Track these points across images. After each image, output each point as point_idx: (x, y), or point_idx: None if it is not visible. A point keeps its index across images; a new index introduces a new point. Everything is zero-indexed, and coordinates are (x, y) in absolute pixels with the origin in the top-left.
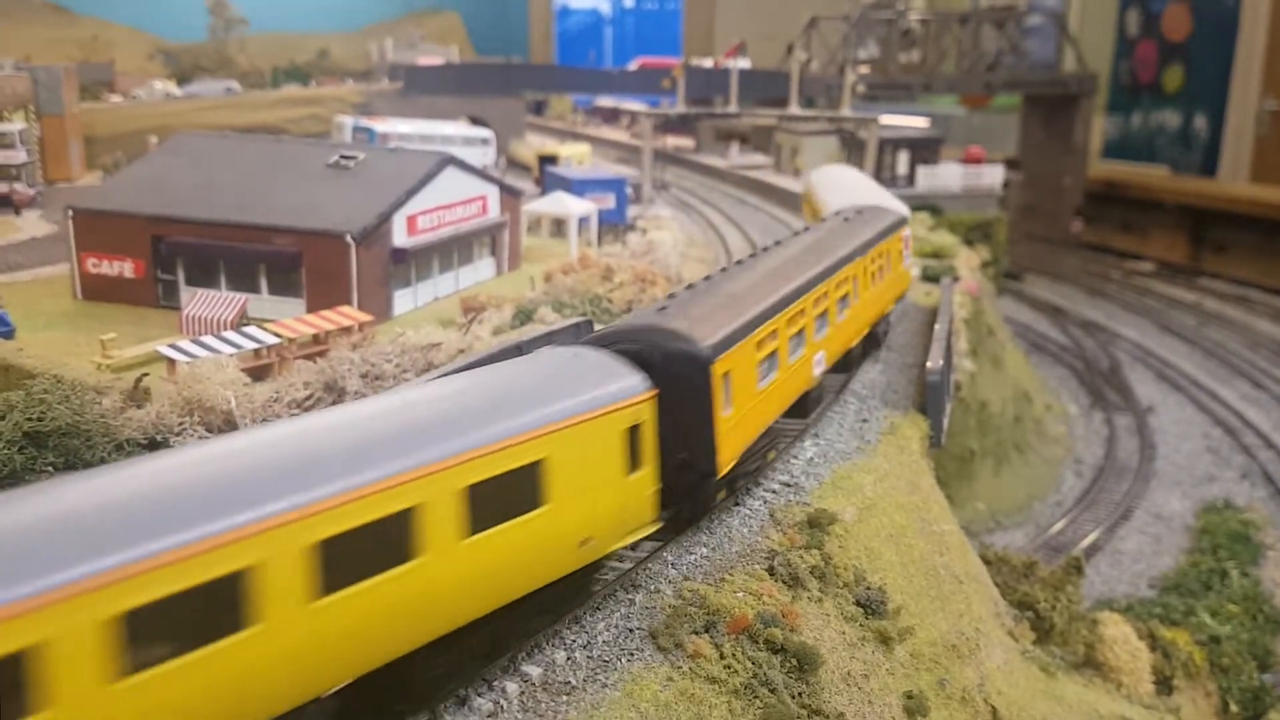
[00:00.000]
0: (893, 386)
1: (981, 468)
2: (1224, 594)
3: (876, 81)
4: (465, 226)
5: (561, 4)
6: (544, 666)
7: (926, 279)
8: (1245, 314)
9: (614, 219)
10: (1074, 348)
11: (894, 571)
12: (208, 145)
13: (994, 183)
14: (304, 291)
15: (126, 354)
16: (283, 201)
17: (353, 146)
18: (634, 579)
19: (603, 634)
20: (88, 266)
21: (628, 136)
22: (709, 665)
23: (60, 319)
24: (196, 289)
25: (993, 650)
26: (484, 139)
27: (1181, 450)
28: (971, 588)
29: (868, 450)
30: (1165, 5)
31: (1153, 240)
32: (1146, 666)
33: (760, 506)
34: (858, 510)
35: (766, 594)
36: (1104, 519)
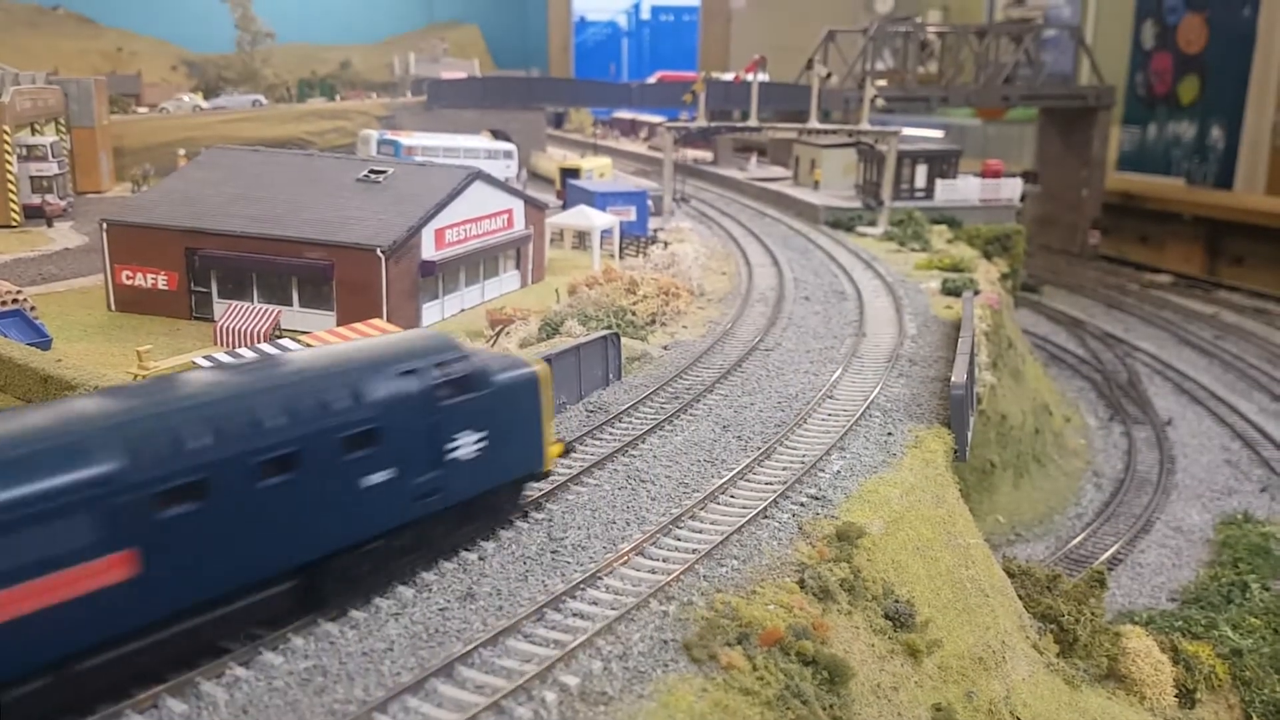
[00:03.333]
0: (917, 400)
1: (1002, 480)
2: (1245, 607)
3: (894, 93)
4: (491, 240)
5: (579, 15)
6: (581, 676)
7: (947, 292)
8: (1263, 326)
9: (635, 231)
10: (1092, 360)
11: (921, 584)
12: (240, 159)
13: (1012, 195)
14: (335, 304)
15: (162, 365)
16: (314, 215)
17: (382, 161)
18: (667, 590)
19: (638, 645)
20: (122, 278)
21: (646, 149)
22: (742, 677)
23: (95, 330)
24: (230, 301)
25: (1018, 663)
26: (507, 152)
27: (1201, 463)
28: (997, 600)
29: (894, 464)
30: (1181, 17)
31: (1169, 252)
32: (1169, 679)
33: (789, 520)
34: (885, 523)
35: (797, 606)
36: (1124, 531)
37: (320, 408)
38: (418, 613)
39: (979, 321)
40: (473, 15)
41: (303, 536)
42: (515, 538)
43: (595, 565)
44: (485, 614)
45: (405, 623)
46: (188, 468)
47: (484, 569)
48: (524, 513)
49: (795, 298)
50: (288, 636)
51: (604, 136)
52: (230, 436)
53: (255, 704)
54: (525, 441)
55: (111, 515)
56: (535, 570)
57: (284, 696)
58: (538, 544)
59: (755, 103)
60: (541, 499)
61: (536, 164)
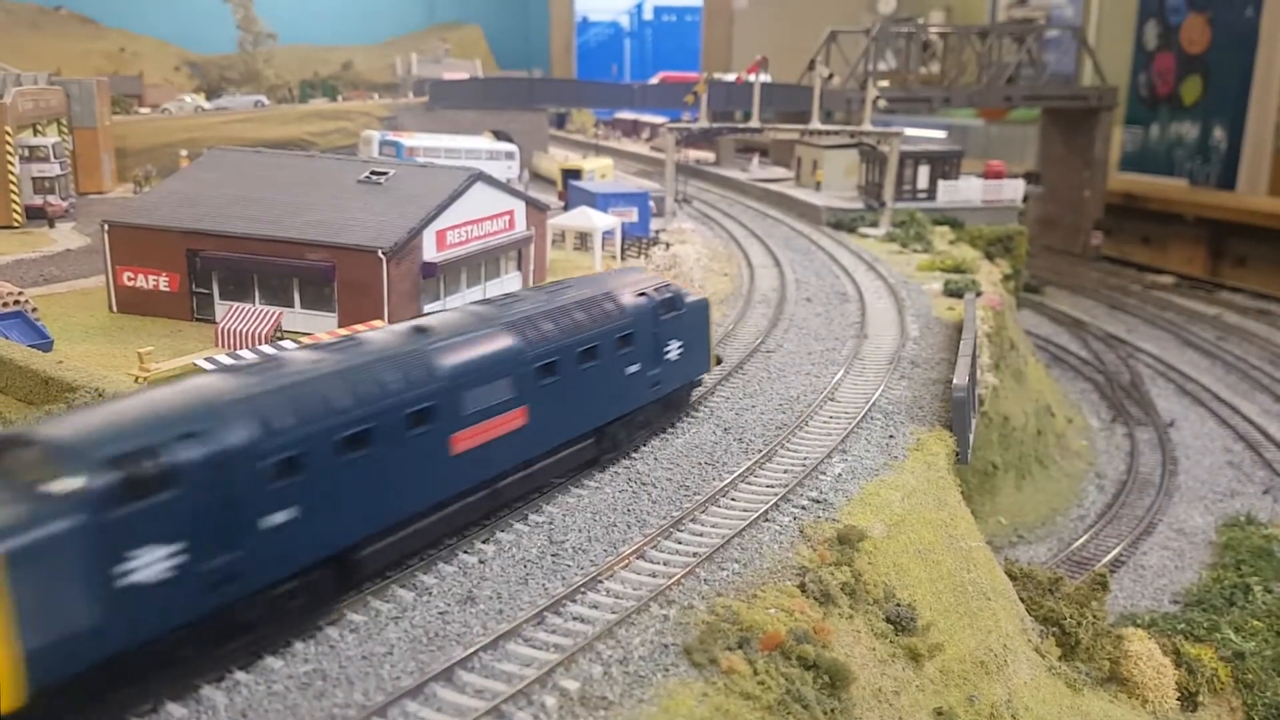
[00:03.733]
0: (918, 402)
1: (1004, 481)
2: (1247, 610)
3: (896, 94)
4: (493, 241)
5: (582, 16)
6: (581, 681)
7: (949, 293)
8: (1266, 327)
9: (637, 232)
10: (1095, 361)
11: (923, 587)
12: (241, 160)
13: (1014, 196)
14: (336, 305)
15: (164, 367)
16: (316, 216)
17: (384, 162)
18: (668, 594)
19: (638, 649)
20: (123, 279)
21: (648, 149)
22: (743, 681)
23: (96, 331)
24: (231, 302)
25: (1020, 666)
26: (509, 153)
27: (1203, 465)
28: (999, 603)
29: (895, 466)
30: (1184, 17)
31: (1172, 253)
32: (1171, 682)
33: (790, 523)
34: (886, 526)
35: (798, 610)
36: (1126, 533)
37: (605, 315)
38: (417, 616)
39: (981, 323)
40: (475, 16)
41: (597, 407)
42: (515, 541)
43: (595, 569)
44: (485, 617)
45: (405, 626)
46: (550, 350)
47: (484, 572)
48: (524, 515)
49: (797, 299)
50: (288, 640)
51: (606, 137)
52: (567, 331)
53: (255, 708)
54: (701, 350)
55: (519, 381)
56: (535, 573)
57: (283, 701)
58: (538, 547)
59: (757, 103)
60: (541, 501)
61: (538, 165)
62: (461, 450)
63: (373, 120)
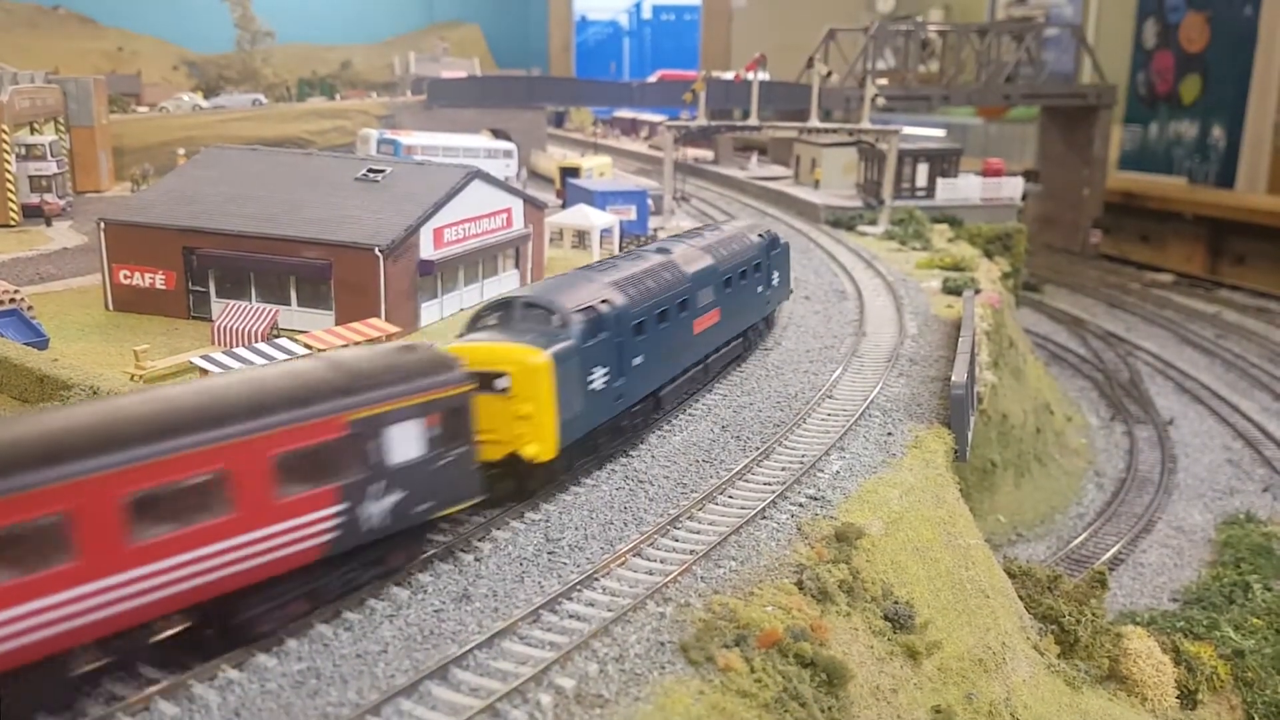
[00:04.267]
0: (917, 399)
1: (1003, 479)
2: (1247, 607)
3: (895, 92)
4: (490, 239)
5: (580, 15)
6: (577, 679)
7: (948, 291)
8: (1265, 325)
9: (636, 230)
10: (1094, 359)
11: (921, 585)
12: (238, 159)
13: (1013, 194)
14: (333, 303)
15: (159, 365)
16: (312, 214)
17: (381, 160)
18: (664, 592)
19: (634, 647)
20: (119, 278)
21: (646, 148)
22: (740, 679)
23: (93, 330)
24: (228, 300)
25: (1019, 664)
26: (506, 151)
27: (1202, 463)
28: (997, 601)
29: (893, 464)
30: (1183, 16)
31: (1171, 251)
32: (1170, 680)
33: (788, 520)
34: (884, 524)
35: (795, 608)
36: (1125, 531)
37: (745, 249)
38: (413, 614)
39: (980, 321)
40: (473, 15)
41: (747, 314)
42: (512, 538)
43: (592, 566)
44: (481, 615)
45: (400, 624)
46: (729, 269)
47: (480, 570)
48: (520, 513)
49: (795, 297)
50: (281, 638)
51: (604, 135)
52: (733, 258)
53: (248, 706)
54: (787, 279)
55: (716, 289)
56: (532, 571)
57: (277, 699)
58: (534, 545)
59: (756, 101)
60: (538, 499)
61: (536, 163)
62: (698, 332)
63: (371, 119)
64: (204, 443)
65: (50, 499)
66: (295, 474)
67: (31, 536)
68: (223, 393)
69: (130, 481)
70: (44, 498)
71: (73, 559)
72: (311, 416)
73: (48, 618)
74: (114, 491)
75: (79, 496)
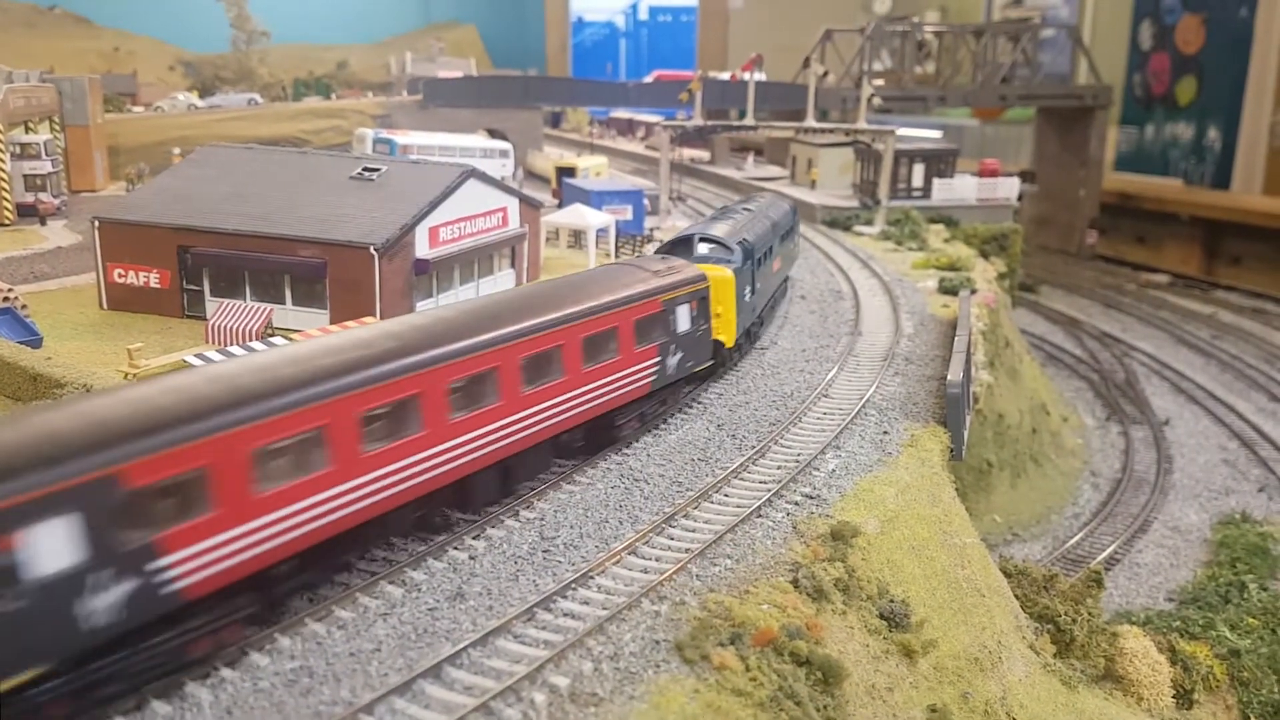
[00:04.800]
0: (913, 399)
1: (999, 479)
2: (1243, 607)
3: (891, 93)
4: (486, 238)
5: (577, 16)
6: (571, 677)
7: (944, 291)
8: (1261, 326)
9: (631, 230)
10: (1090, 360)
11: (917, 584)
12: (233, 157)
13: (1009, 195)
14: (328, 302)
15: (153, 364)
16: (307, 213)
17: (376, 159)
18: (659, 590)
19: (629, 645)
20: (114, 276)
21: (643, 148)
22: (735, 678)
23: (87, 328)
24: (222, 299)
25: (1014, 663)
26: (503, 151)
27: (1198, 463)
28: (993, 600)
29: (889, 462)
30: (1179, 17)
31: (1167, 252)
32: (1167, 680)
33: (783, 519)
34: (880, 522)
35: (791, 606)
36: (1121, 531)
37: (782, 214)
38: (406, 613)
39: (976, 321)
40: (470, 15)
41: (785, 268)
42: (506, 537)
43: (587, 564)
44: (475, 614)
45: (394, 623)
46: (781, 229)
47: (474, 568)
48: (515, 511)
49: (791, 296)
50: (274, 637)
51: (601, 136)
52: (780, 221)
53: (240, 705)
54: (798, 244)
55: (778, 241)
56: (526, 569)
57: (269, 698)
58: (529, 543)
59: (752, 102)
60: (533, 497)
61: (533, 163)
62: (773, 271)
63: (367, 119)
64: (608, 307)
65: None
66: (642, 333)
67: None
68: (585, 284)
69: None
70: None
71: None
72: (647, 296)
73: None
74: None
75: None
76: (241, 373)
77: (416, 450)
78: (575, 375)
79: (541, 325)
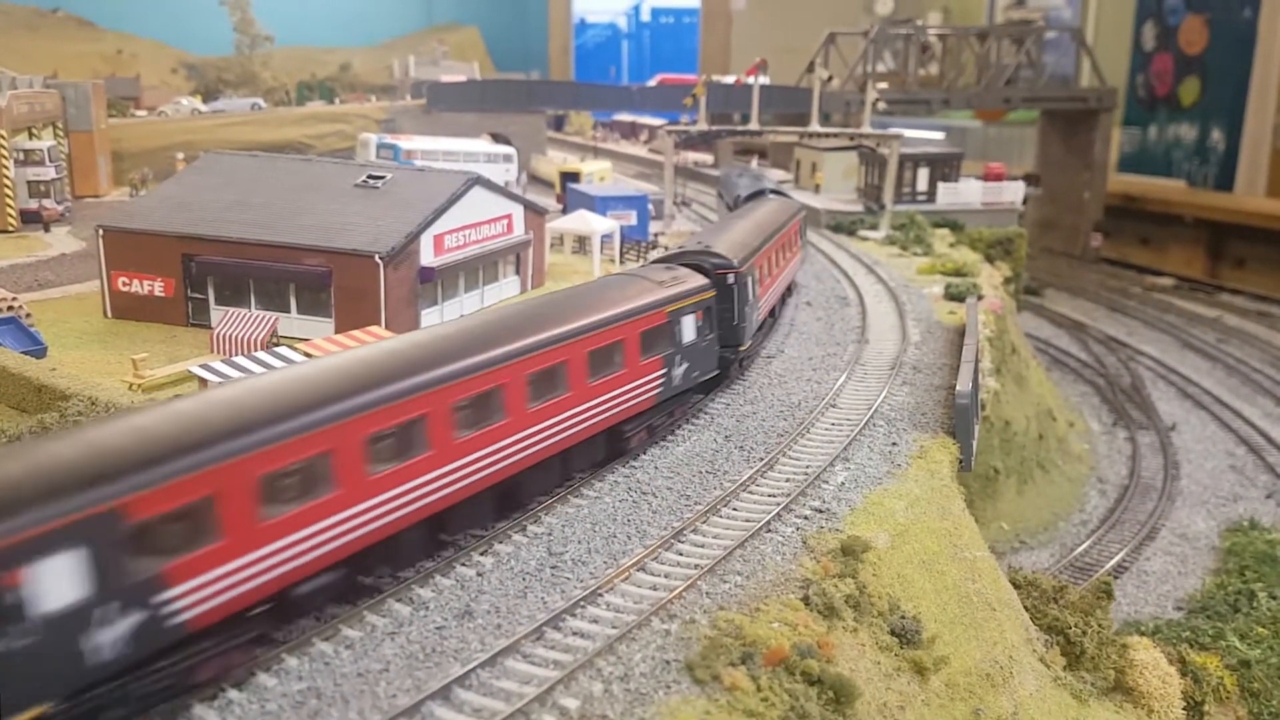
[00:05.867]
0: (921, 408)
1: (1005, 487)
2: (1253, 616)
3: (894, 96)
4: (491, 245)
5: (579, 17)
6: (581, 699)
7: (950, 297)
8: (1266, 329)
9: (636, 235)
10: (1095, 364)
11: (927, 599)
12: (237, 164)
13: (1014, 198)
14: (333, 311)
15: (158, 373)
16: (312, 221)
17: (381, 166)
18: (669, 608)
19: (639, 665)
20: (118, 285)
21: (646, 151)
22: (746, 698)
23: (91, 337)
24: (227, 308)
25: (1025, 677)
26: (506, 155)
27: (1205, 469)
28: (1004, 614)
29: (898, 475)
30: (1182, 18)
31: (1171, 255)
32: (1177, 692)
33: (793, 533)
34: (890, 537)
35: (802, 624)
36: (1129, 539)
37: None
38: (414, 631)
39: (982, 327)
40: (472, 17)
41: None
42: (514, 553)
43: (596, 581)
44: (483, 633)
45: (401, 642)
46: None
47: (482, 585)
48: (522, 526)
49: (797, 303)
50: (281, 657)
51: (604, 139)
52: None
53: None
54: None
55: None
56: (534, 586)
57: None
58: (537, 559)
59: (756, 106)
60: (540, 512)
61: (536, 167)
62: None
63: (370, 123)
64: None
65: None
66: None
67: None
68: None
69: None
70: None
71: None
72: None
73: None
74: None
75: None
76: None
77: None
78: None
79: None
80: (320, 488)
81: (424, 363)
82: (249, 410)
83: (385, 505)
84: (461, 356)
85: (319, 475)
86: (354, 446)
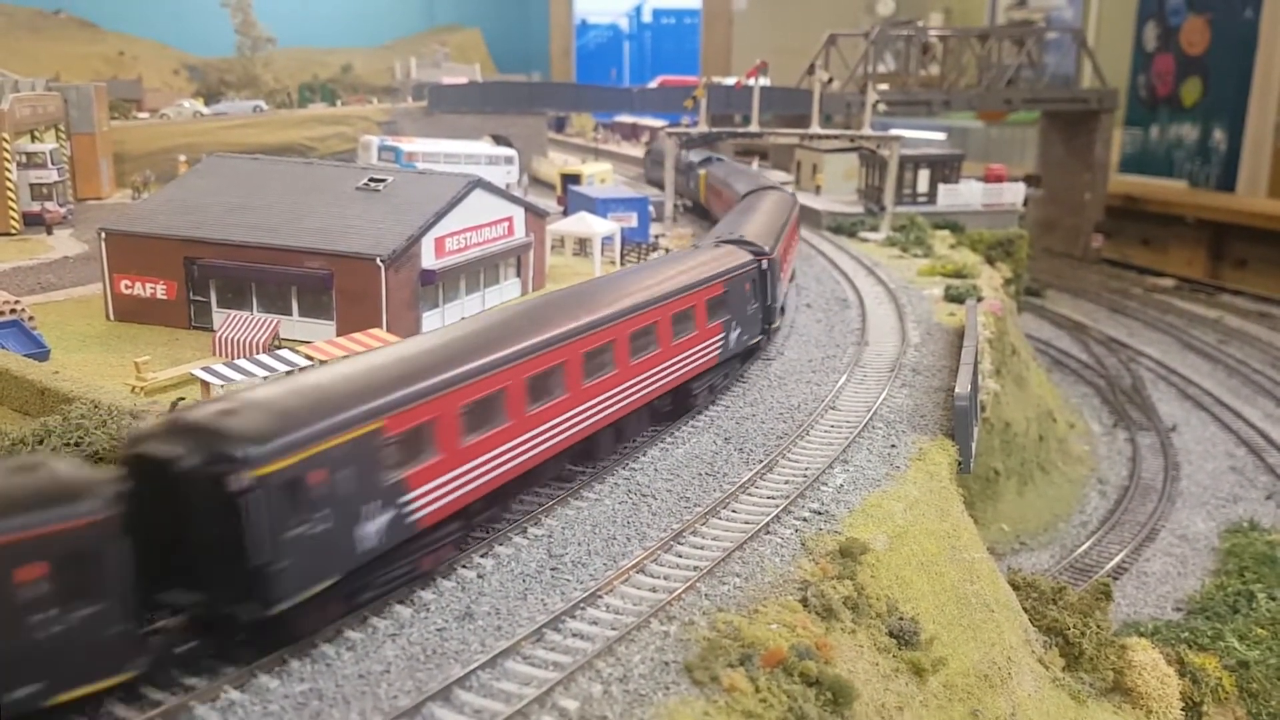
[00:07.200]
0: (920, 410)
1: (1005, 488)
2: (1252, 617)
3: (895, 97)
4: (492, 247)
5: (581, 19)
6: (580, 700)
7: (950, 299)
8: (1267, 330)
9: (637, 237)
10: (1096, 365)
11: (926, 601)
12: (239, 167)
13: (1015, 200)
14: (334, 313)
15: (161, 376)
16: (314, 224)
17: (382, 169)
18: (668, 610)
19: (638, 667)
20: (120, 288)
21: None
22: (745, 699)
23: (93, 340)
24: (229, 310)
25: (1024, 679)
26: (508, 157)
27: (1205, 470)
28: (1002, 615)
29: (897, 477)
30: (1184, 18)
31: (1172, 255)
32: (1175, 693)
33: (791, 535)
34: (889, 538)
35: (800, 626)
36: (1129, 540)
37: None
38: (415, 633)
39: (982, 329)
40: (474, 19)
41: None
42: (514, 555)
43: (595, 583)
44: (484, 634)
45: (403, 644)
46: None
47: (482, 587)
48: (523, 528)
49: (797, 305)
50: (284, 658)
51: (605, 141)
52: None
53: None
54: None
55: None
56: (534, 588)
57: None
58: (537, 561)
59: (757, 107)
60: (540, 514)
61: (538, 169)
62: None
63: (372, 125)
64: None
65: None
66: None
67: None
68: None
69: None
70: None
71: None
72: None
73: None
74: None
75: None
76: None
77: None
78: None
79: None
80: (496, 419)
81: (561, 319)
82: (445, 356)
83: (539, 437)
84: (585, 315)
85: (496, 409)
86: (519, 386)
